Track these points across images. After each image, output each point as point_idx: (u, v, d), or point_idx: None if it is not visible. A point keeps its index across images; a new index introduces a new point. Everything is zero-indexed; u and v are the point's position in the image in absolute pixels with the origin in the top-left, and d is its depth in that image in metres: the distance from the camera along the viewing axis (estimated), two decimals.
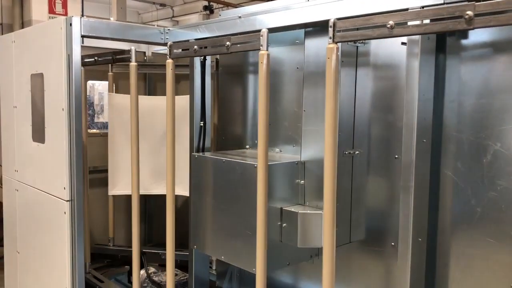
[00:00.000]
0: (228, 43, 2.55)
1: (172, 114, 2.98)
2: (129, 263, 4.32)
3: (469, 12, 1.73)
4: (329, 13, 2.35)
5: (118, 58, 3.40)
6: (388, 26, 1.93)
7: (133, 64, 3.14)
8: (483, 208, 2.15)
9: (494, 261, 2.15)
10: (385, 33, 1.96)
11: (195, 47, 2.81)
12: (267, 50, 2.33)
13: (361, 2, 2.22)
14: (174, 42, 2.97)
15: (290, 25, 2.57)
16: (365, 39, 2.20)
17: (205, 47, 2.80)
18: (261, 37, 2.34)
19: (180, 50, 2.96)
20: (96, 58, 3.63)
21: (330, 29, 2.08)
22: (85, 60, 3.70)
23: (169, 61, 2.92)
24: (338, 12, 2.30)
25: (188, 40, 3.09)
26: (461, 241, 2.24)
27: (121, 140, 4.13)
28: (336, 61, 2.08)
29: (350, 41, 2.13)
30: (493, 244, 2.13)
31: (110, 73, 4.52)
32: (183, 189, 3.88)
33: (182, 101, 4.07)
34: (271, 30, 2.39)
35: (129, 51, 3.19)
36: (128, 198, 4.07)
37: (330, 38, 2.08)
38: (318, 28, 2.58)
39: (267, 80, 2.34)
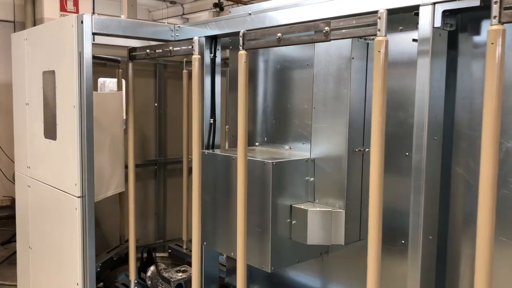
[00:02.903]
0: (327, 28, 2.04)
1: (245, 111, 2.54)
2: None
3: None
4: (339, 10, 2.34)
5: (176, 50, 3.07)
6: None
7: (195, 56, 2.84)
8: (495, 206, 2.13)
9: (507, 260, 2.13)
10: None
11: (279, 34, 2.28)
12: (385, 35, 1.89)
13: None
14: (247, 31, 2.49)
15: (300, 21, 2.56)
16: None
17: (292, 33, 2.27)
18: (378, 20, 1.89)
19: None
20: (147, 51, 3.33)
21: (495, 6, 1.65)
22: (133, 53, 3.45)
23: (242, 53, 2.47)
24: (348, 8, 2.29)
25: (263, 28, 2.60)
26: (472, 240, 2.22)
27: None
28: (503, 47, 1.67)
29: None
30: (505, 243, 2.11)
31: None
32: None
33: (112, 98, 4.00)
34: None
35: (190, 41, 2.88)
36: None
37: (495, 17, 1.65)
38: None
39: (384, 72, 1.93)
